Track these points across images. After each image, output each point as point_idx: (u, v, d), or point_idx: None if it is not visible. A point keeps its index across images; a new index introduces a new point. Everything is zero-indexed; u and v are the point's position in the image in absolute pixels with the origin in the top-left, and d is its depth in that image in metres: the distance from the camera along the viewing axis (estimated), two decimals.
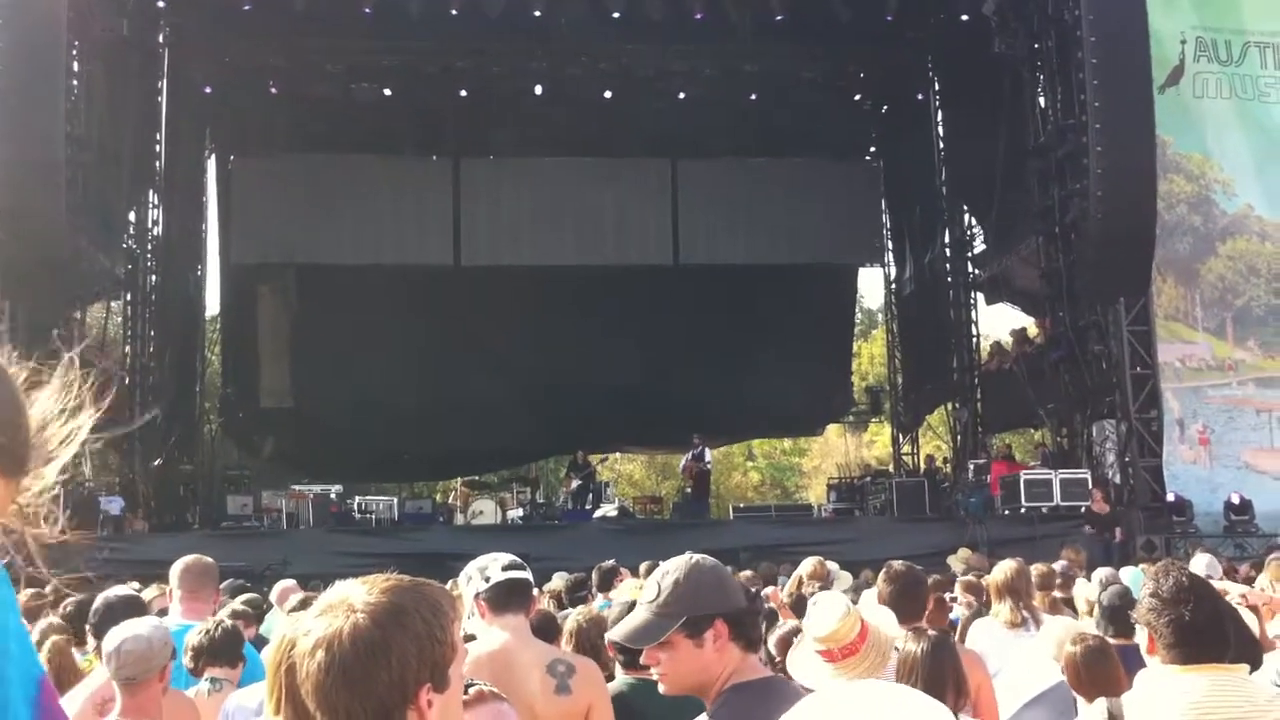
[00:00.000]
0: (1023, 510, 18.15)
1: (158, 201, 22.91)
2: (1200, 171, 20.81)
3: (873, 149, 28.44)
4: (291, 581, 8.66)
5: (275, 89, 24.92)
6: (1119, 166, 17.45)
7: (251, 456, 26.07)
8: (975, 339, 25.18)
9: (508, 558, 4.00)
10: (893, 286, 28.30)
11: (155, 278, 22.72)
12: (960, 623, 7.03)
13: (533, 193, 25.40)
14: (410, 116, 25.09)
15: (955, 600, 7.85)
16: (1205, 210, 20.76)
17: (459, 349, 25.27)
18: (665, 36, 23.09)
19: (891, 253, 28.09)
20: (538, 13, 21.98)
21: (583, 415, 24.85)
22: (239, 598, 7.58)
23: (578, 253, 25.44)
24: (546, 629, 5.12)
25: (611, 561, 8.52)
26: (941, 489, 21.96)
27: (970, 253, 24.96)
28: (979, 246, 24.63)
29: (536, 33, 22.77)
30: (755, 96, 25.79)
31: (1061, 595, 7.67)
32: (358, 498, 22.70)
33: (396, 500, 22.58)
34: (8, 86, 16.43)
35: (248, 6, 21.91)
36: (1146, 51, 17.89)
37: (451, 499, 24.37)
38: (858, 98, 27.44)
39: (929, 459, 25.26)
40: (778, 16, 22.17)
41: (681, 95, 25.41)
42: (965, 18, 22.25)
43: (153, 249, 22.69)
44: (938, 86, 25.87)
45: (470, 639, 3.60)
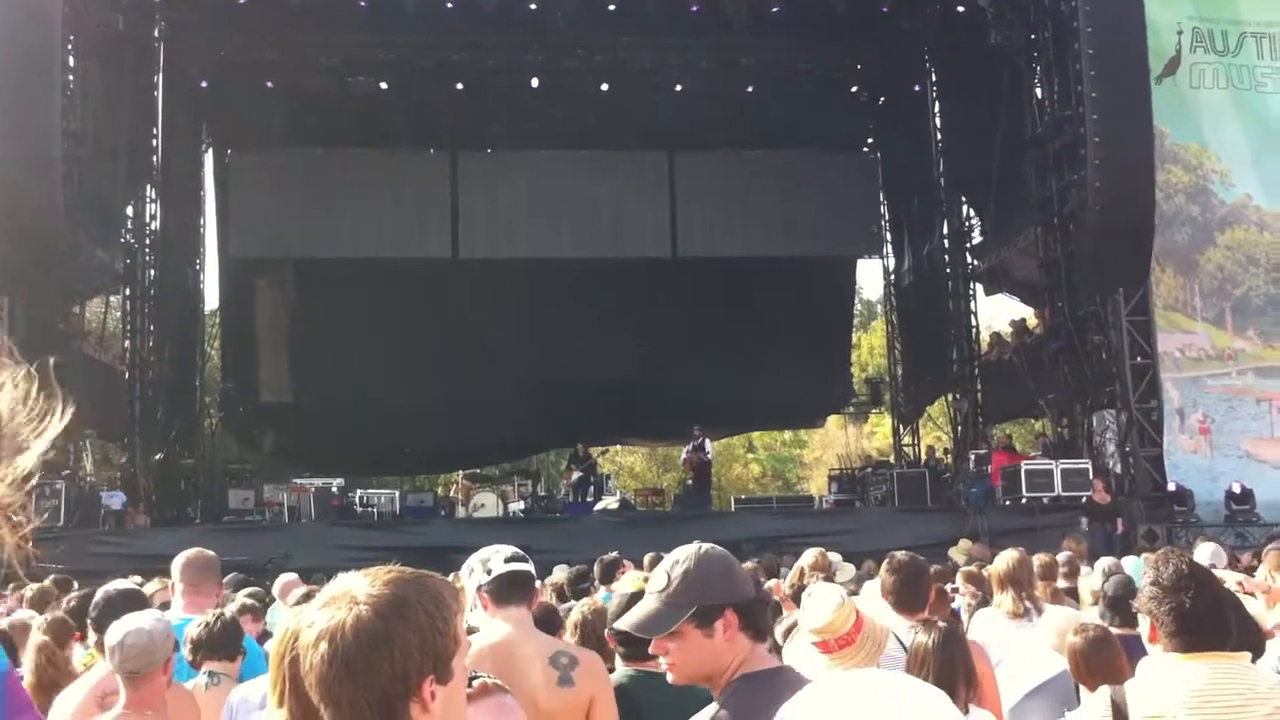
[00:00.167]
0: (1024, 500, 18.16)
1: (155, 196, 22.90)
2: (1198, 162, 20.82)
3: (870, 141, 28.39)
4: (293, 575, 8.69)
5: (271, 83, 24.86)
6: (1117, 157, 17.45)
7: (252, 450, 26.10)
8: (975, 330, 25.15)
9: (510, 550, 4.00)
10: (891, 278, 28.27)
11: (154, 272, 22.72)
12: (963, 613, 7.04)
13: (530, 186, 25.36)
14: (407, 110, 25.03)
15: (957, 591, 7.85)
16: (1203, 200, 20.77)
17: (458, 342, 25.25)
18: (661, 29, 23.04)
19: (890, 244, 28.05)
20: (533, 5, 21.96)
21: (583, 408, 24.83)
22: (241, 591, 7.59)
23: (576, 246, 25.39)
24: (548, 621, 5.13)
25: (614, 554, 8.54)
26: (942, 480, 21.95)
27: (969, 244, 24.93)
28: (977, 237, 24.61)
29: (532, 26, 22.74)
30: (752, 89, 25.73)
31: (1067, 585, 7.68)
32: (359, 491, 22.68)
33: (398, 493, 22.57)
34: (3, 83, 16.37)
35: (243, 1, 21.87)
36: (1143, 42, 17.88)
37: (453, 492, 24.38)
38: (855, 90, 27.38)
39: (929, 450, 25.24)
40: (774, 9, 22.17)
41: (678, 88, 25.33)
42: (961, 9, 22.23)
43: (151, 244, 22.67)
44: (935, 78, 25.80)
45: (473, 631, 3.60)
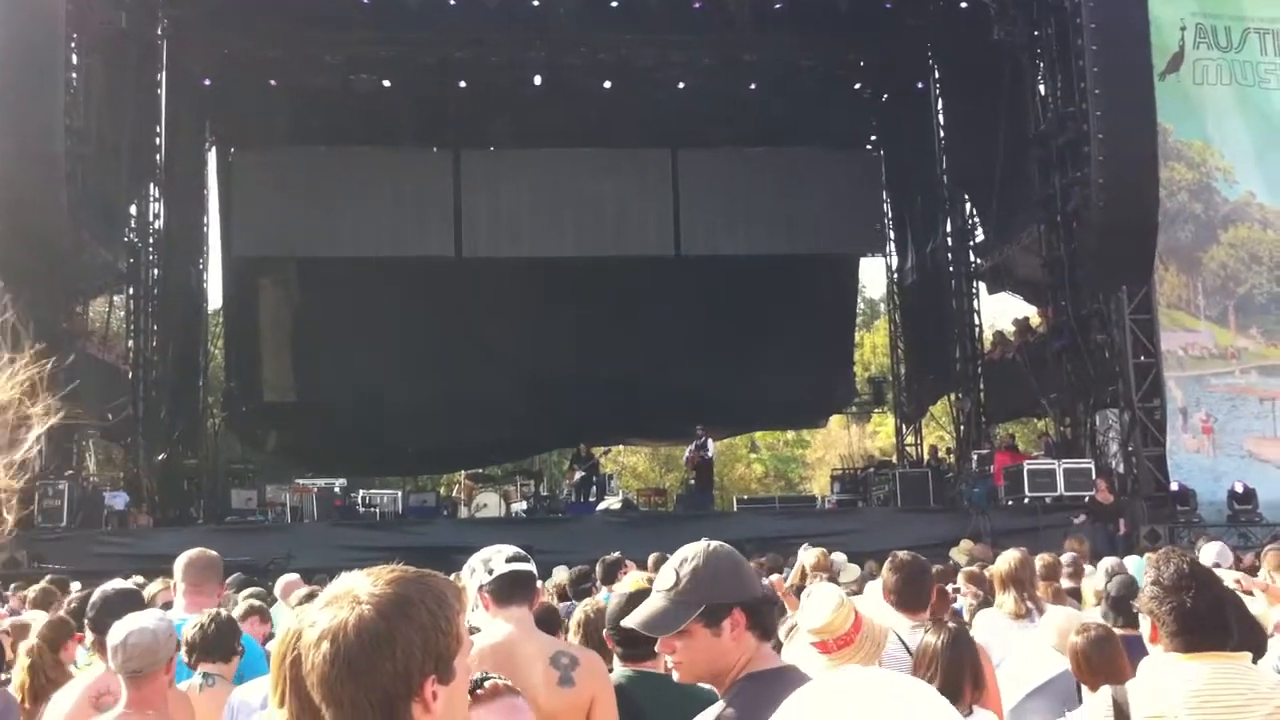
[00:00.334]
0: (1026, 500, 18.14)
1: (158, 195, 22.90)
2: (1201, 159, 20.78)
3: (873, 138, 28.33)
4: (295, 576, 8.69)
5: (275, 81, 24.88)
6: (1120, 154, 17.41)
7: (255, 450, 26.08)
8: (978, 328, 25.11)
9: (511, 550, 4.01)
10: (894, 276, 28.23)
11: (157, 271, 22.70)
12: (966, 613, 7.03)
13: (533, 184, 25.36)
14: (409, 108, 25.02)
15: (959, 591, 7.84)
16: (1206, 198, 20.73)
17: (461, 341, 25.24)
18: (664, 26, 23.02)
19: (893, 242, 28.00)
20: (536, 3, 21.96)
21: (585, 407, 24.82)
22: (243, 592, 7.59)
23: (578, 244, 25.38)
24: (548, 621, 5.12)
25: (616, 554, 8.54)
26: (945, 479, 21.91)
27: (972, 242, 24.90)
28: (980, 235, 24.57)
29: (535, 23, 22.74)
30: (755, 86, 25.71)
31: (1071, 585, 7.66)
32: (361, 491, 22.67)
33: (400, 494, 22.58)
34: (6, 81, 16.39)
35: None
36: (1146, 38, 17.85)
37: (455, 492, 24.40)
38: (857, 87, 27.32)
39: (932, 449, 25.22)
40: (776, 5, 22.15)
41: (681, 85, 25.32)
42: (964, 5, 22.20)
43: (154, 242, 22.68)
44: (938, 75, 25.78)
45: (474, 631, 3.60)
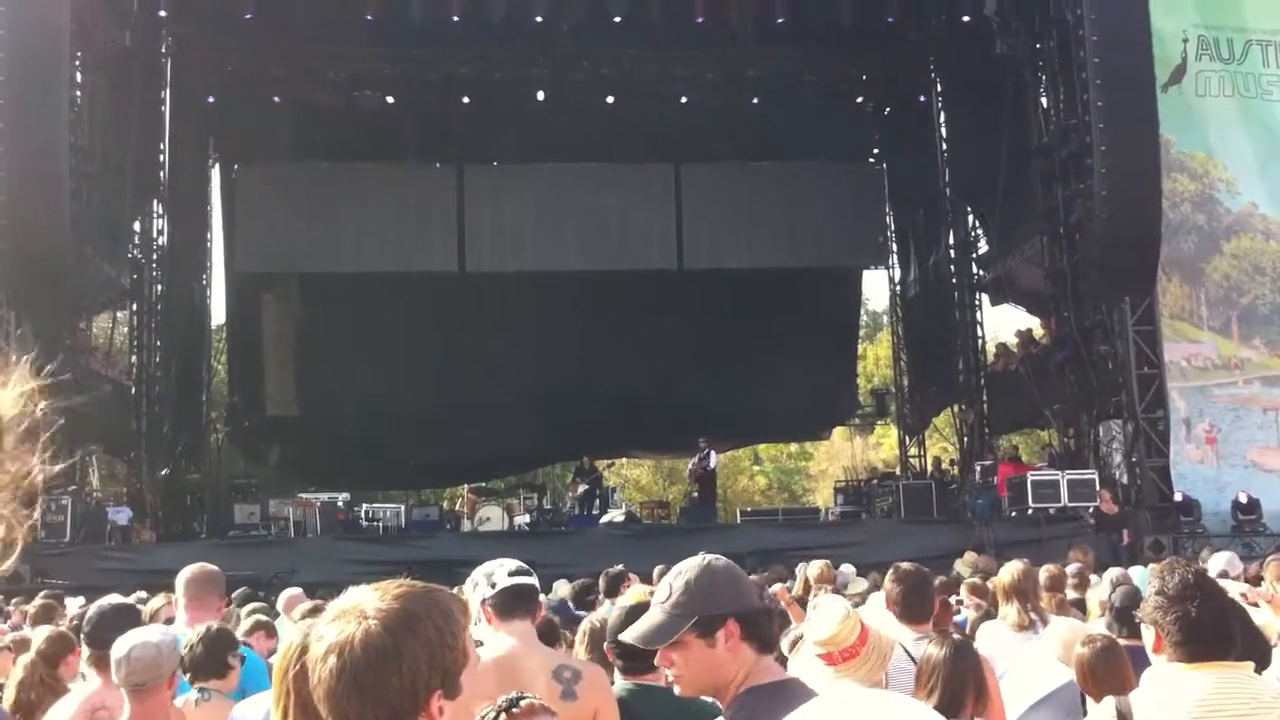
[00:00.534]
0: (1030, 511, 18.10)
1: (162, 211, 22.95)
2: (1204, 170, 20.78)
3: (875, 151, 28.37)
4: (298, 590, 8.68)
5: (278, 98, 24.95)
6: (1123, 166, 17.42)
7: (258, 465, 26.10)
8: (980, 340, 25.11)
9: (514, 563, 4.01)
10: (897, 289, 28.23)
11: (160, 287, 22.75)
12: (969, 624, 7.01)
13: (536, 198, 25.41)
14: (413, 124, 25.06)
15: (961, 603, 7.82)
16: (1209, 209, 20.72)
17: (464, 355, 25.24)
18: (666, 42, 23.07)
19: (896, 255, 28.02)
20: (539, 19, 21.99)
21: (588, 421, 24.83)
22: (247, 607, 7.59)
23: (582, 258, 25.42)
24: (548, 636, 5.12)
25: (619, 567, 8.51)
26: (948, 491, 21.91)
27: (975, 254, 24.92)
28: (983, 247, 24.59)
29: (538, 39, 22.79)
30: (757, 100, 25.78)
31: (1075, 596, 7.64)
32: (365, 505, 22.62)
33: (403, 508, 22.54)
34: (10, 99, 16.43)
35: (250, 16, 21.92)
36: (1149, 50, 17.86)
37: (458, 506, 24.36)
38: (860, 100, 27.39)
39: (936, 461, 25.21)
40: (779, 20, 22.16)
41: (683, 100, 25.39)
42: (966, 19, 22.21)
43: (158, 259, 22.73)
44: (940, 88, 25.82)
45: (477, 645, 3.60)
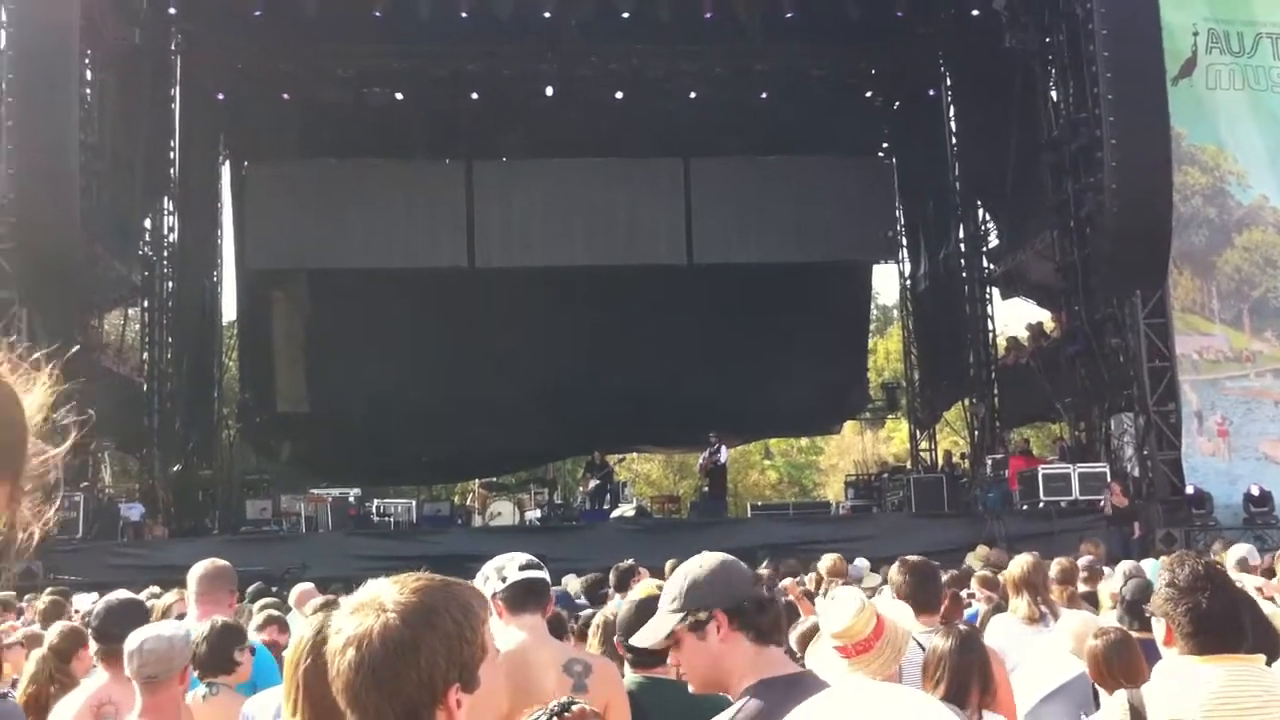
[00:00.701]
0: (1041, 505, 18.08)
1: (173, 208, 23.00)
2: (1214, 163, 20.69)
3: (885, 146, 28.34)
4: (309, 585, 8.69)
5: (288, 95, 24.98)
6: (1133, 159, 17.37)
7: (270, 461, 26.14)
8: (991, 334, 25.06)
9: (524, 557, 4.02)
10: (907, 283, 28.20)
11: (171, 284, 22.79)
12: (980, 617, 7.00)
13: (545, 194, 25.43)
14: (422, 120, 25.07)
15: (973, 597, 7.81)
16: (1220, 202, 20.64)
17: (474, 351, 25.26)
18: (675, 37, 23.07)
19: (906, 249, 27.98)
20: (547, 15, 22.01)
21: (599, 416, 24.83)
22: (259, 602, 7.61)
23: (591, 253, 25.44)
24: (555, 630, 5.12)
25: (630, 561, 8.52)
26: (959, 485, 21.86)
27: (985, 248, 24.86)
28: (993, 241, 24.53)
29: (547, 35, 22.80)
30: (766, 95, 25.74)
31: (1086, 589, 7.63)
32: (376, 501, 22.72)
33: (415, 503, 22.62)
34: (20, 96, 16.48)
35: (259, 13, 21.99)
36: (1158, 44, 17.80)
37: (469, 501, 24.44)
38: (869, 95, 27.35)
39: (946, 455, 25.15)
40: (787, 15, 22.13)
41: (692, 95, 25.37)
42: (976, 13, 22.17)
43: (168, 256, 22.78)
44: (949, 82, 25.75)
45: None
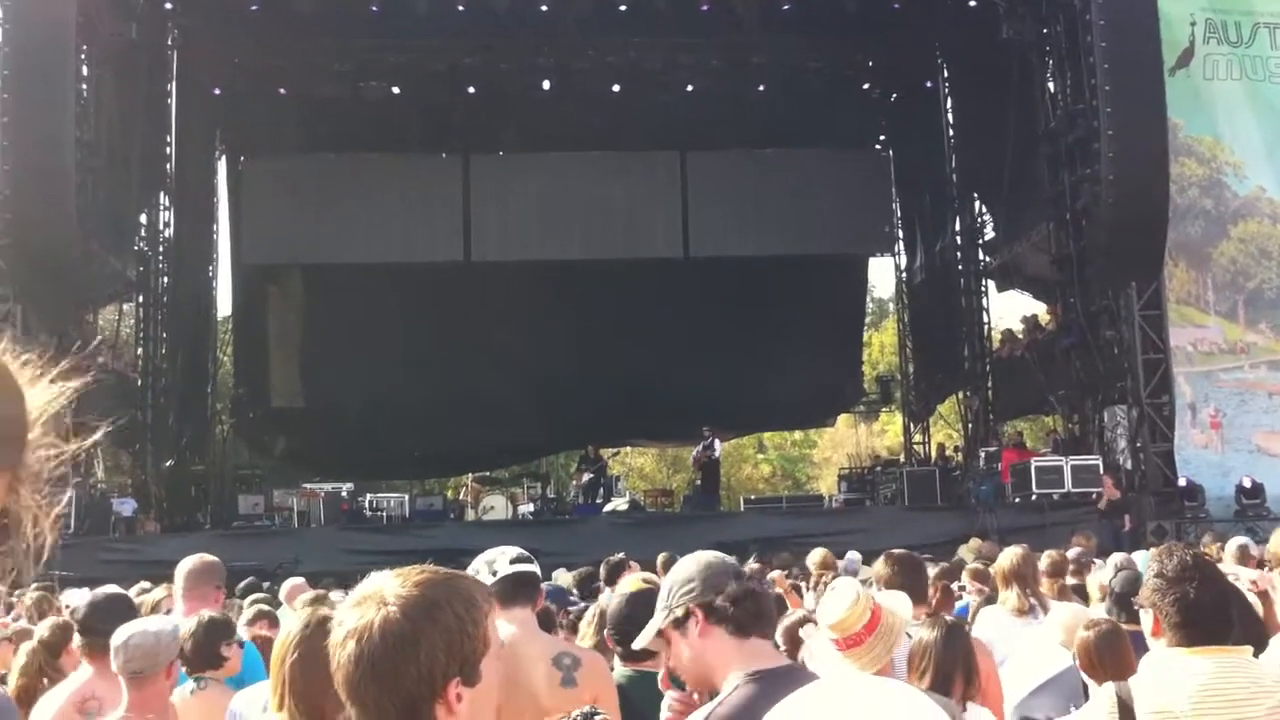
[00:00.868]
0: (1033, 497, 18.07)
1: (169, 204, 22.98)
2: (1211, 154, 20.67)
3: (882, 138, 28.31)
4: (300, 579, 8.70)
5: (284, 90, 24.94)
6: (1130, 150, 17.34)
7: (263, 456, 26.14)
8: (986, 326, 25.07)
9: (515, 551, 4.01)
10: (903, 275, 28.18)
11: (167, 279, 22.78)
12: (971, 610, 7.00)
13: (542, 188, 25.39)
14: (419, 114, 25.02)
15: (964, 589, 7.82)
16: (1216, 193, 20.63)
17: (469, 345, 25.25)
18: (672, 29, 23.03)
19: (902, 242, 27.97)
20: (544, 8, 21.96)
21: (593, 409, 24.83)
22: (249, 597, 7.61)
23: (587, 247, 25.41)
24: (544, 623, 5.13)
25: (620, 555, 8.52)
26: (953, 477, 21.86)
27: (981, 240, 24.85)
28: (990, 234, 24.53)
29: (544, 28, 22.74)
30: (763, 88, 25.70)
31: (1074, 582, 7.64)
32: (369, 495, 22.69)
33: (408, 497, 22.57)
34: (15, 92, 16.44)
35: (255, 8, 21.93)
36: (1156, 34, 17.77)
37: (462, 495, 24.41)
38: (866, 87, 27.33)
39: (940, 448, 25.18)
40: (784, 7, 22.12)
41: (689, 88, 25.35)
42: (973, 4, 22.12)
43: (164, 251, 22.75)
44: (946, 74, 25.73)
45: None
